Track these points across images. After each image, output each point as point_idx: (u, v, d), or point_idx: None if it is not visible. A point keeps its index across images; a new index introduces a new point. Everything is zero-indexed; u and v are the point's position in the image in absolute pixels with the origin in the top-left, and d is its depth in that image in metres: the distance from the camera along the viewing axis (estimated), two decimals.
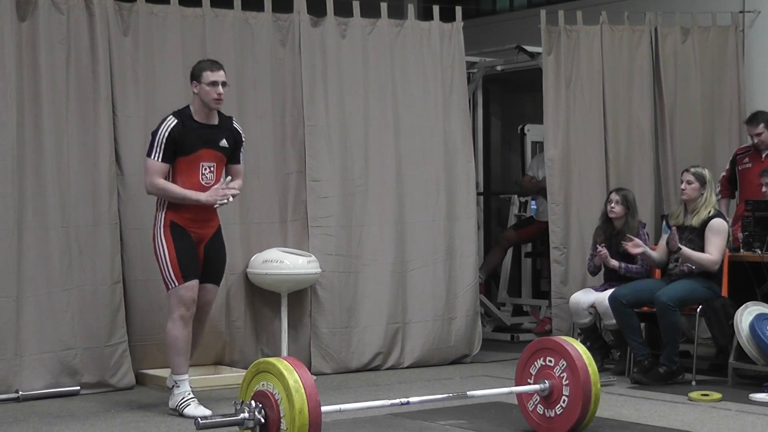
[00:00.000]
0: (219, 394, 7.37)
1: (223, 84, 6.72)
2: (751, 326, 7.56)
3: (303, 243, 8.33)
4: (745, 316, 7.66)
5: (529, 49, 9.96)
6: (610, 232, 8.42)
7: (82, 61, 7.57)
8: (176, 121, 6.66)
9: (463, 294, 8.93)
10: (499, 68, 10.55)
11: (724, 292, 7.98)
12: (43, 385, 7.33)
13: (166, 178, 6.69)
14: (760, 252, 8.00)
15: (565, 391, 6.05)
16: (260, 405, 5.38)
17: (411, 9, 8.94)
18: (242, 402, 5.45)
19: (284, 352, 8.06)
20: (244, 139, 6.99)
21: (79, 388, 7.44)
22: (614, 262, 8.27)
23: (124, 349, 7.63)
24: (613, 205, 8.38)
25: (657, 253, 8.12)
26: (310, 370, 6.21)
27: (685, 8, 9.96)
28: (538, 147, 10.74)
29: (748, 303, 7.81)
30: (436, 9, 8.95)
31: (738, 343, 7.64)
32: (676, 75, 9.68)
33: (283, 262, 7.99)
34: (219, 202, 6.69)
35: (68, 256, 7.48)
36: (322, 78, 8.44)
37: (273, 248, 8.12)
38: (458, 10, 9.03)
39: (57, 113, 7.48)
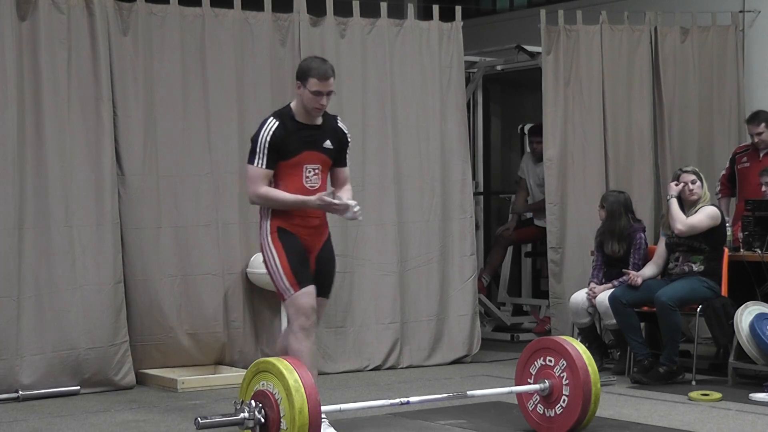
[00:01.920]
0: (219, 394, 7.38)
1: (329, 93, 6.14)
2: (751, 326, 7.56)
3: None
4: (745, 315, 7.66)
5: (529, 48, 9.96)
6: (604, 233, 8.47)
7: (83, 61, 7.57)
8: (277, 122, 6.12)
9: (462, 293, 8.93)
10: (499, 68, 10.55)
11: (724, 292, 7.98)
12: (44, 385, 7.33)
13: (269, 183, 6.16)
14: (760, 252, 7.99)
15: (565, 391, 6.05)
16: (260, 405, 5.38)
17: (411, 9, 8.94)
18: (242, 402, 5.45)
19: None
20: (350, 139, 6.41)
21: (78, 387, 7.45)
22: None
23: (126, 348, 7.64)
24: (598, 209, 8.47)
25: (655, 262, 8.11)
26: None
27: (684, 8, 9.95)
28: None
29: (748, 303, 7.81)
30: (435, 9, 8.96)
31: (738, 342, 7.64)
32: (676, 75, 9.67)
33: None
34: (348, 217, 6.12)
35: (71, 256, 7.48)
36: None
37: None
38: (458, 9, 9.03)
39: (58, 113, 7.48)
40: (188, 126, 7.99)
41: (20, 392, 7.23)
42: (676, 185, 8.01)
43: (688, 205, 8.00)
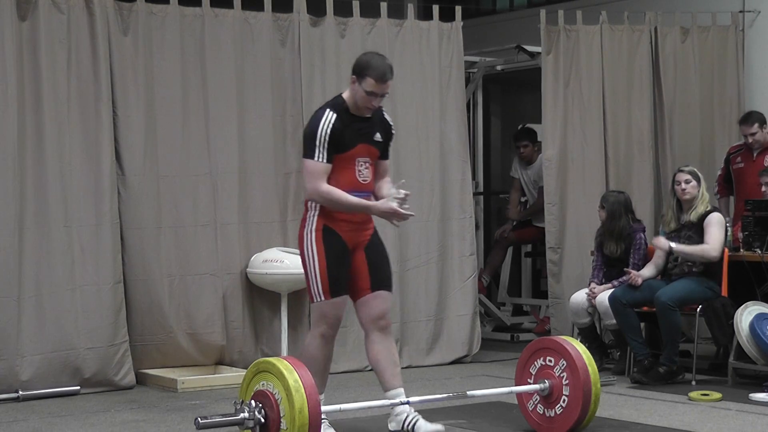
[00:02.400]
0: (219, 394, 7.38)
1: (383, 95, 5.97)
2: (751, 326, 7.56)
3: None
4: (745, 315, 7.66)
5: (529, 48, 9.96)
6: (604, 233, 8.45)
7: (83, 61, 7.57)
8: (335, 115, 5.91)
9: (462, 293, 8.93)
10: (499, 68, 10.55)
11: (724, 292, 7.98)
12: (44, 385, 7.33)
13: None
14: (760, 252, 7.99)
15: (565, 391, 6.05)
16: (260, 405, 5.38)
17: (411, 9, 8.94)
18: (242, 402, 5.45)
19: (284, 352, 8.06)
20: (394, 132, 6.28)
21: (79, 387, 7.45)
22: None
23: (125, 348, 7.64)
24: (598, 209, 8.45)
25: (655, 262, 8.09)
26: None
27: (684, 8, 9.95)
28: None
29: (748, 303, 7.81)
30: (435, 9, 8.95)
31: (738, 342, 7.64)
32: (676, 75, 9.67)
33: (283, 262, 7.99)
34: (396, 222, 6.03)
35: (71, 256, 7.49)
36: (321, 77, 8.44)
37: (273, 248, 8.13)
38: (458, 9, 9.03)
39: (58, 113, 7.48)
40: (188, 126, 7.99)
41: (20, 392, 7.23)
42: (665, 238, 7.96)
43: (686, 206, 8.01)
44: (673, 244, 7.86)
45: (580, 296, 8.48)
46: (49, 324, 7.40)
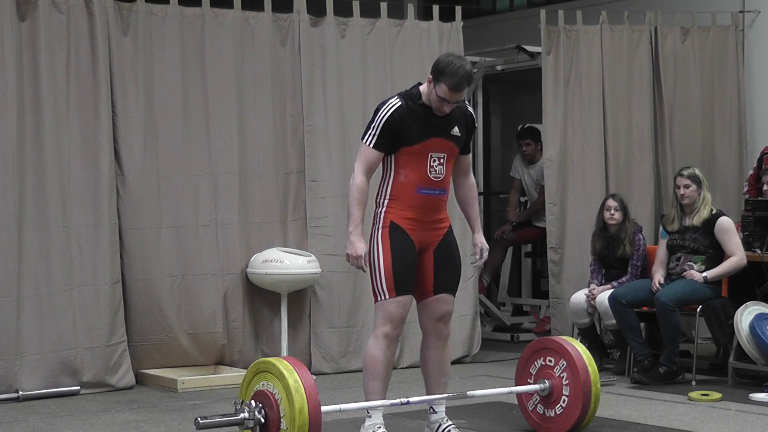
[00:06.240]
0: (219, 394, 7.38)
1: (456, 102, 5.72)
2: (751, 326, 7.56)
3: (303, 243, 8.34)
4: (745, 315, 7.66)
5: (529, 48, 9.96)
6: (608, 238, 8.42)
7: (82, 61, 7.57)
8: (400, 103, 5.68)
9: (462, 294, 8.88)
10: (499, 68, 10.54)
11: (724, 292, 7.98)
12: (43, 385, 7.34)
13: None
14: (760, 252, 7.99)
15: (565, 391, 6.05)
16: (260, 405, 5.39)
17: (411, 9, 8.94)
18: (242, 402, 5.46)
19: (284, 352, 8.06)
20: (476, 125, 6.10)
21: (78, 387, 7.45)
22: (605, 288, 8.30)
23: (123, 348, 7.64)
24: (612, 212, 8.37)
25: (661, 264, 8.09)
26: (310, 370, 6.20)
27: (684, 8, 9.96)
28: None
29: (748, 303, 7.81)
30: (435, 9, 8.95)
31: (738, 342, 7.64)
32: (676, 75, 9.67)
33: (283, 262, 7.99)
34: (356, 266, 5.77)
35: (69, 256, 7.48)
36: (321, 78, 8.44)
37: (273, 248, 8.13)
38: (458, 9, 9.03)
39: (57, 113, 7.48)
40: (188, 126, 7.99)
41: (20, 392, 7.23)
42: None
43: (687, 209, 8.01)
44: (705, 274, 7.85)
45: (579, 296, 8.48)
46: (48, 324, 7.40)
